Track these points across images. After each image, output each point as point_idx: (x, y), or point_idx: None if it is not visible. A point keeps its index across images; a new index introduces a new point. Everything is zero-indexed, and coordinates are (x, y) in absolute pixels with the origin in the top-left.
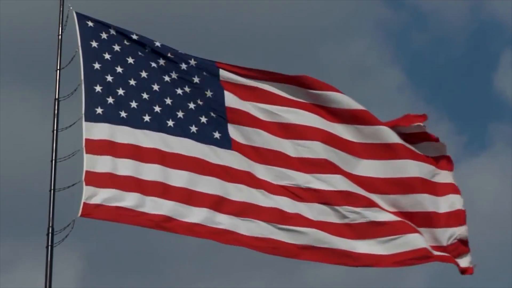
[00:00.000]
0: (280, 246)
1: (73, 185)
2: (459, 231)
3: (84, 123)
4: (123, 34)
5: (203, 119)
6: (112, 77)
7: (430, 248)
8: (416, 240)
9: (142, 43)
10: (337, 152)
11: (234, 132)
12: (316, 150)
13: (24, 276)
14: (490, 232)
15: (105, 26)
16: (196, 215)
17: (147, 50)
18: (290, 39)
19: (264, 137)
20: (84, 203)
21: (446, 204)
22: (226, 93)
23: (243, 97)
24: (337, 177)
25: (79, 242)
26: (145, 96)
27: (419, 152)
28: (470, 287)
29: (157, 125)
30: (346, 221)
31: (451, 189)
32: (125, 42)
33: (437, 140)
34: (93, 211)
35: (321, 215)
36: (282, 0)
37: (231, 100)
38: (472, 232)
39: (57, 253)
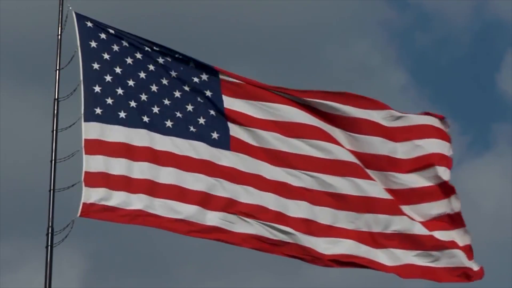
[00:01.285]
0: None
1: (73, 185)
2: None
3: (83, 124)
4: (122, 34)
5: (201, 120)
6: (111, 77)
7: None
8: None
9: (141, 44)
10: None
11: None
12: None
13: (24, 276)
14: (493, 232)
15: (104, 27)
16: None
17: (145, 51)
18: (293, 39)
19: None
20: (83, 203)
21: None
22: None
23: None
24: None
25: (81, 242)
26: (143, 96)
27: None
28: (471, 287)
29: (156, 126)
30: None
31: None
32: (124, 42)
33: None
34: (92, 211)
35: None
36: (286, 0)
37: (229, 102)
38: (474, 232)
39: (59, 253)
